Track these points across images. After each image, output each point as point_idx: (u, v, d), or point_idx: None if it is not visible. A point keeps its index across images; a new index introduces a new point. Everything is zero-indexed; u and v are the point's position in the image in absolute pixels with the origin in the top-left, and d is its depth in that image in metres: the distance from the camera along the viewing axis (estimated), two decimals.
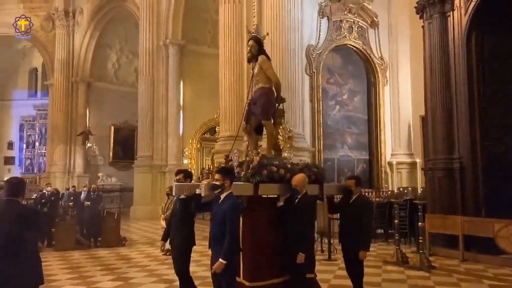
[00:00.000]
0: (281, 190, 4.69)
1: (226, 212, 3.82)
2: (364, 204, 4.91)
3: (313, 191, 4.88)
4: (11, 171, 24.58)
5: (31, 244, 3.37)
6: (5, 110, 25.15)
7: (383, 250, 9.02)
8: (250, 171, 4.51)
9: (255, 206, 4.57)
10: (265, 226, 4.59)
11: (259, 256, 4.49)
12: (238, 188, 4.42)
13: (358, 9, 12.21)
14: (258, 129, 5.31)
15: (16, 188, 3.43)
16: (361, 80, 12.52)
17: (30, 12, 21.37)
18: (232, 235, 3.77)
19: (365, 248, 4.73)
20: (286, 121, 10.17)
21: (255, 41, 5.30)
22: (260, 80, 5.20)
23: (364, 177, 12.17)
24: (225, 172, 4.08)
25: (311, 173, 4.91)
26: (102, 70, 22.13)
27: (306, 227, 4.41)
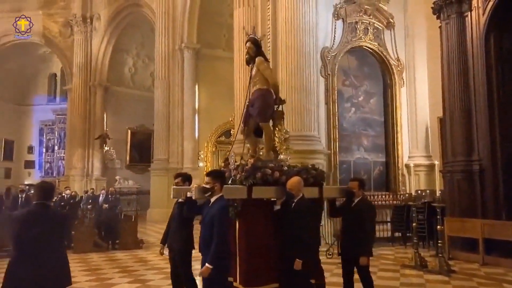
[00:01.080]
0: (276, 193, 4.57)
1: (215, 215, 3.77)
2: (366, 207, 4.75)
3: (312, 194, 4.75)
4: (31, 175, 25.08)
5: (61, 247, 3.52)
6: (25, 115, 25.69)
7: (401, 253, 8.92)
8: (243, 173, 4.45)
9: (250, 210, 4.48)
10: (261, 230, 4.49)
11: (255, 260, 4.40)
12: (231, 191, 4.37)
13: (373, 10, 12.11)
14: (257, 131, 5.25)
15: (47, 192, 3.57)
16: (377, 82, 12.41)
17: (48, 18, 21.85)
18: (219, 239, 3.69)
19: (366, 254, 4.58)
20: (302, 124, 10.31)
21: (253, 42, 5.27)
22: (258, 81, 5.16)
23: (381, 179, 12.06)
24: (215, 175, 4.05)
25: (309, 176, 4.79)
26: (119, 74, 22.45)
27: (303, 232, 4.24)
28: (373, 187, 11.71)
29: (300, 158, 10.28)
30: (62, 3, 21.75)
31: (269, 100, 5.13)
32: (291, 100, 10.48)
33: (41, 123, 25.35)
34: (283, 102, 5.38)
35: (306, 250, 4.26)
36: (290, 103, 10.48)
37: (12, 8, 21.08)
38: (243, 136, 5.39)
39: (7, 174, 24.42)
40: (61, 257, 3.46)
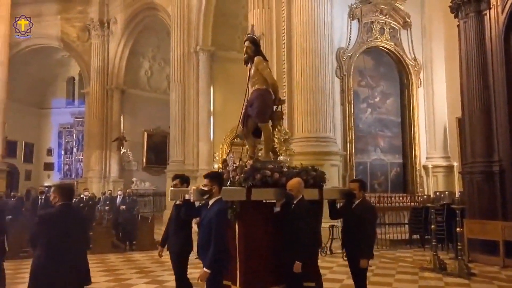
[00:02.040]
0: (276, 195, 4.48)
1: (212, 218, 3.68)
2: (366, 209, 4.63)
3: (313, 196, 4.66)
4: (50, 177, 25.55)
5: (83, 246, 3.63)
6: (44, 118, 26.21)
7: (420, 256, 8.79)
8: (242, 175, 4.36)
9: (249, 212, 4.39)
10: (261, 232, 4.40)
11: (256, 263, 4.32)
12: (230, 193, 4.30)
13: (389, 10, 12.01)
14: (256, 132, 5.12)
15: (71, 193, 3.73)
16: (394, 82, 12.29)
17: (66, 23, 22.26)
18: (217, 242, 3.60)
19: (366, 256, 4.47)
20: (317, 125, 10.27)
21: (251, 41, 5.15)
22: (257, 81, 5.05)
23: (398, 181, 11.94)
24: (212, 177, 3.92)
25: (309, 177, 4.70)
26: (136, 77, 22.72)
27: (302, 233, 4.15)
28: (390, 189, 11.59)
29: (315, 159, 10.25)
30: (80, 8, 22.14)
31: (267, 100, 5.02)
32: (306, 101, 10.48)
33: (60, 126, 25.81)
34: (283, 102, 5.29)
35: (305, 252, 4.17)
36: (305, 105, 10.48)
37: (32, 13, 21.48)
38: (243, 137, 5.30)
39: (27, 176, 24.95)
40: (83, 256, 3.55)
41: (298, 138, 10.62)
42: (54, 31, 22.18)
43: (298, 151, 10.43)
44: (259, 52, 5.17)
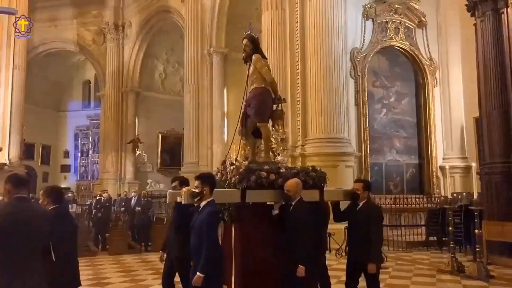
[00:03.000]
0: (272, 197, 4.33)
1: (203, 221, 3.57)
2: (371, 211, 4.44)
3: (313, 197, 4.48)
4: (67, 178, 25.92)
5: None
6: (61, 121, 26.61)
7: (437, 258, 8.67)
8: (237, 176, 4.24)
9: (246, 214, 4.26)
10: (258, 235, 4.25)
11: (252, 267, 4.18)
12: (224, 195, 4.21)
13: (404, 9, 11.90)
14: (256, 132, 4.96)
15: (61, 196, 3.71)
16: (409, 82, 12.16)
17: (82, 26, 22.58)
18: (209, 246, 3.50)
19: (374, 261, 4.27)
20: (331, 126, 10.22)
21: (249, 39, 5.03)
22: (255, 80, 4.92)
23: (414, 182, 11.80)
24: (203, 179, 3.78)
25: (308, 178, 4.53)
26: (150, 80, 22.91)
27: (301, 236, 3.99)
28: (406, 190, 11.47)
29: (330, 160, 10.22)
30: (95, 12, 22.43)
31: (266, 99, 4.88)
32: (320, 102, 10.44)
33: (76, 129, 26.17)
34: (283, 101, 5.12)
35: (306, 255, 3.99)
36: (319, 105, 10.44)
37: (49, 17, 21.92)
38: (241, 137, 5.15)
39: (44, 178, 25.35)
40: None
41: (312, 139, 10.59)
42: (70, 35, 22.53)
43: (312, 152, 10.43)
44: (258, 50, 5.05)
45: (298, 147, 10.85)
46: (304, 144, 10.72)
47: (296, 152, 10.81)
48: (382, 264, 7.61)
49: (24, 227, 2.77)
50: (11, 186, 2.86)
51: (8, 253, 2.71)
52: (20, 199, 2.85)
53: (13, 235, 2.71)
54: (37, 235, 2.86)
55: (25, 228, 2.77)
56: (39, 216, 2.94)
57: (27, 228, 2.78)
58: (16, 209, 2.81)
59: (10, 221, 2.75)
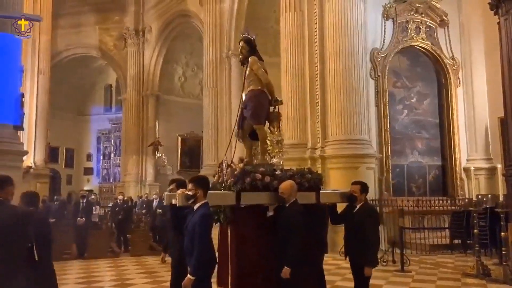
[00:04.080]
0: (267, 199, 4.30)
1: (196, 223, 3.55)
2: (368, 213, 4.39)
3: (309, 200, 4.47)
4: (90, 181, 26.44)
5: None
6: (84, 124, 27.18)
7: (462, 261, 8.49)
8: (232, 178, 4.25)
9: (241, 216, 4.25)
10: (254, 237, 4.24)
11: (248, 268, 4.17)
12: (219, 198, 4.20)
13: (425, 8, 11.71)
14: (253, 134, 4.98)
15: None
16: (431, 82, 11.95)
17: (104, 32, 23.04)
18: (200, 248, 3.47)
19: (370, 264, 4.23)
20: (351, 127, 10.12)
21: (245, 42, 5.06)
22: (252, 82, 4.93)
23: (437, 184, 11.58)
24: (197, 181, 3.78)
25: (303, 180, 4.51)
26: (170, 83, 23.18)
27: (293, 238, 3.96)
28: (429, 192, 11.28)
29: (350, 162, 10.14)
30: (116, 18, 22.86)
31: (262, 101, 4.88)
32: (339, 103, 10.37)
33: (99, 132, 26.68)
34: (280, 103, 5.05)
35: (294, 258, 3.96)
36: (338, 106, 10.37)
37: (72, 24, 22.46)
38: (239, 140, 5.16)
39: (68, 181, 25.93)
40: None
41: (332, 141, 10.52)
42: (93, 40, 23.01)
43: (332, 154, 10.36)
44: (254, 52, 5.05)
45: (318, 149, 10.78)
46: (324, 146, 10.65)
47: (315, 154, 10.75)
48: (405, 268, 7.55)
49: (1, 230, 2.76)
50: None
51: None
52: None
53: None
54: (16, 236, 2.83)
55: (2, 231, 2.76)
56: (16, 217, 2.90)
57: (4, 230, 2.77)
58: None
59: None
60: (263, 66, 5.01)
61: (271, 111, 4.99)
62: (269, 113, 4.97)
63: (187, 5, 19.78)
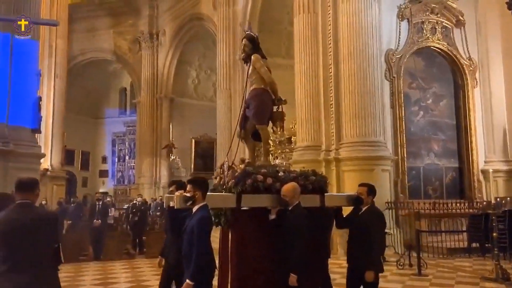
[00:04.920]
0: (268, 202, 4.14)
1: (194, 226, 3.46)
2: (374, 217, 4.21)
3: (313, 202, 4.30)
4: (105, 183, 26.73)
5: None
6: (99, 127, 27.51)
7: (480, 265, 8.32)
8: (233, 180, 4.11)
9: (242, 219, 4.12)
10: (255, 241, 4.10)
11: (248, 272, 4.04)
12: (219, 200, 4.11)
13: (441, 8, 11.56)
14: (256, 134, 4.81)
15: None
16: (447, 83, 11.78)
17: (119, 36, 23.31)
18: (199, 252, 3.38)
19: (373, 268, 4.04)
20: (366, 129, 10.03)
21: (248, 39, 4.92)
22: (255, 81, 4.78)
23: (454, 186, 11.40)
24: (195, 183, 3.67)
25: (307, 182, 4.32)
26: (183, 86, 23.33)
27: (296, 242, 3.83)
28: (445, 195, 11.10)
29: (365, 164, 10.04)
30: (131, 21, 23.12)
31: (265, 100, 4.71)
32: (354, 105, 10.29)
33: (113, 135, 26.98)
34: (284, 102, 4.86)
35: (299, 263, 3.82)
36: (353, 108, 10.29)
37: (88, 28, 22.79)
38: (241, 140, 5.00)
39: (84, 183, 26.25)
40: None
41: (346, 143, 10.44)
42: (107, 44, 23.32)
43: (347, 156, 10.27)
44: (257, 50, 4.91)
45: (332, 151, 10.71)
46: (338, 148, 10.57)
47: (330, 156, 10.68)
48: (422, 271, 7.43)
49: (28, 233, 2.79)
50: (15, 191, 2.89)
51: (14, 259, 2.72)
52: (23, 205, 2.86)
53: (17, 241, 2.74)
54: (43, 239, 2.87)
55: (29, 234, 2.79)
56: (43, 220, 2.94)
57: (31, 233, 2.80)
58: (19, 215, 2.82)
59: (12, 228, 2.76)
60: (266, 64, 4.87)
61: (275, 111, 4.84)
62: (273, 113, 4.83)
63: (200, 8, 19.90)
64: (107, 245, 9.99)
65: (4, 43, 8.78)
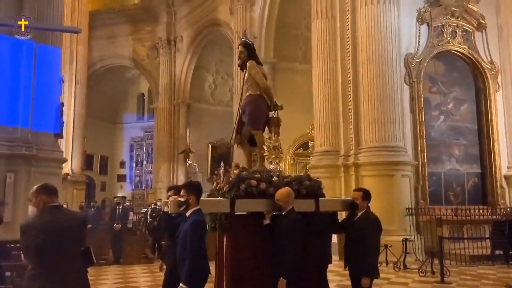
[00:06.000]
0: (262, 206, 4.15)
1: (187, 230, 3.46)
2: (369, 222, 4.21)
3: (307, 207, 4.29)
4: (123, 188, 27.03)
5: None
6: (118, 133, 27.87)
7: (504, 273, 8.13)
8: (227, 185, 4.15)
9: (237, 224, 4.14)
10: (249, 246, 4.11)
11: (242, 277, 4.05)
12: (212, 205, 4.13)
13: (461, 12, 11.40)
14: (252, 140, 4.85)
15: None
16: (468, 87, 11.60)
17: (137, 42, 23.64)
18: (192, 256, 3.39)
19: (368, 274, 4.04)
20: (386, 134, 9.93)
21: (244, 46, 4.98)
22: (250, 87, 4.83)
23: (476, 192, 11.17)
24: (189, 187, 3.71)
25: (301, 187, 4.33)
26: (200, 91, 23.48)
27: (288, 247, 3.80)
28: (467, 201, 10.89)
29: (385, 170, 9.94)
30: (149, 28, 23.43)
31: (260, 105, 4.77)
32: (373, 109, 10.21)
33: (131, 140, 27.29)
34: (280, 108, 4.91)
35: (290, 269, 3.79)
36: (372, 113, 10.21)
37: (107, 35, 23.17)
38: (237, 146, 5.07)
39: (102, 187, 26.60)
40: None
41: (365, 148, 10.35)
42: (126, 51, 23.66)
43: (366, 161, 10.18)
44: (253, 57, 4.97)
45: (351, 156, 10.63)
46: (357, 153, 10.49)
47: (349, 161, 10.61)
48: (445, 279, 7.28)
49: (62, 234, 2.89)
50: (45, 195, 2.96)
51: (48, 261, 2.80)
52: (54, 207, 2.97)
53: (52, 243, 2.81)
54: (74, 240, 2.99)
55: (62, 235, 2.89)
56: (74, 222, 3.06)
57: (64, 235, 2.90)
58: (54, 217, 2.93)
59: (47, 229, 2.84)
60: (261, 71, 4.95)
61: (271, 117, 4.90)
62: (269, 119, 4.89)
63: (218, 14, 20.06)
64: (127, 249, 10.08)
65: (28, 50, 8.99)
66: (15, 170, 8.27)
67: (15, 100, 8.55)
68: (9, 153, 8.24)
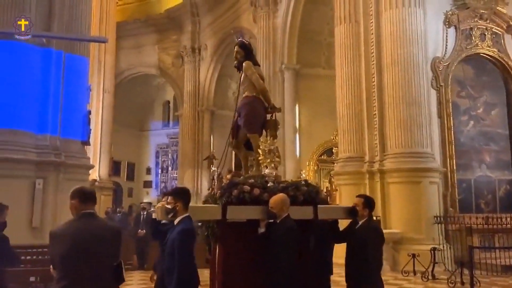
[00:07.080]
0: (256, 214, 3.93)
1: (175, 239, 3.30)
2: (370, 231, 4.00)
3: (305, 215, 4.07)
4: (149, 194, 27.44)
5: None
6: (144, 139, 28.38)
7: None
8: (219, 191, 3.98)
9: (229, 232, 3.96)
10: (242, 255, 3.92)
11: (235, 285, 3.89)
12: (203, 212, 3.99)
13: (490, 14, 11.08)
14: (248, 143, 4.71)
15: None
16: (499, 91, 11.23)
17: (163, 51, 24.09)
18: (180, 267, 3.23)
19: (368, 285, 3.87)
20: (412, 140, 9.70)
21: (240, 46, 4.87)
22: (246, 88, 4.69)
23: (508, 200, 10.75)
24: (176, 194, 3.55)
25: (298, 193, 4.11)
26: (223, 98, 23.66)
27: (282, 257, 3.64)
28: (499, 209, 10.48)
29: (412, 176, 9.71)
30: (174, 37, 23.84)
31: (256, 108, 4.62)
32: (399, 114, 10.02)
33: (157, 146, 27.75)
34: (278, 110, 4.78)
35: (284, 278, 3.63)
36: (398, 118, 10.01)
37: (134, 44, 23.73)
38: (233, 150, 4.90)
39: (129, 193, 27.07)
40: None
41: (391, 154, 10.14)
42: (152, 59, 24.14)
43: (392, 167, 9.96)
44: (250, 57, 4.84)
45: (376, 162, 10.43)
46: (383, 159, 10.28)
47: (374, 167, 10.40)
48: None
49: (92, 246, 2.64)
50: (77, 201, 2.74)
51: (74, 273, 2.58)
52: (87, 215, 2.73)
53: (79, 253, 2.59)
54: (106, 253, 2.73)
55: (92, 246, 2.65)
56: (108, 233, 2.81)
57: (95, 246, 2.66)
58: (85, 225, 2.69)
59: (76, 239, 2.62)
60: (258, 71, 4.80)
61: (268, 119, 4.74)
62: (266, 121, 4.73)
63: (241, 22, 20.22)
64: (151, 254, 10.16)
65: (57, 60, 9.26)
66: (44, 177, 8.48)
67: (44, 108, 8.80)
68: (38, 159, 8.46)
